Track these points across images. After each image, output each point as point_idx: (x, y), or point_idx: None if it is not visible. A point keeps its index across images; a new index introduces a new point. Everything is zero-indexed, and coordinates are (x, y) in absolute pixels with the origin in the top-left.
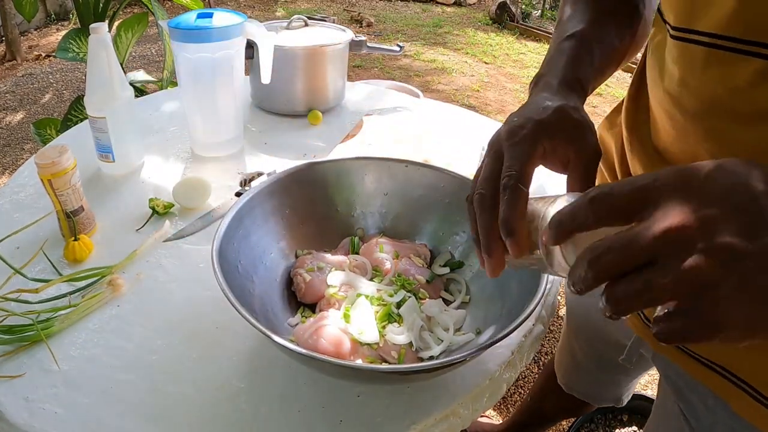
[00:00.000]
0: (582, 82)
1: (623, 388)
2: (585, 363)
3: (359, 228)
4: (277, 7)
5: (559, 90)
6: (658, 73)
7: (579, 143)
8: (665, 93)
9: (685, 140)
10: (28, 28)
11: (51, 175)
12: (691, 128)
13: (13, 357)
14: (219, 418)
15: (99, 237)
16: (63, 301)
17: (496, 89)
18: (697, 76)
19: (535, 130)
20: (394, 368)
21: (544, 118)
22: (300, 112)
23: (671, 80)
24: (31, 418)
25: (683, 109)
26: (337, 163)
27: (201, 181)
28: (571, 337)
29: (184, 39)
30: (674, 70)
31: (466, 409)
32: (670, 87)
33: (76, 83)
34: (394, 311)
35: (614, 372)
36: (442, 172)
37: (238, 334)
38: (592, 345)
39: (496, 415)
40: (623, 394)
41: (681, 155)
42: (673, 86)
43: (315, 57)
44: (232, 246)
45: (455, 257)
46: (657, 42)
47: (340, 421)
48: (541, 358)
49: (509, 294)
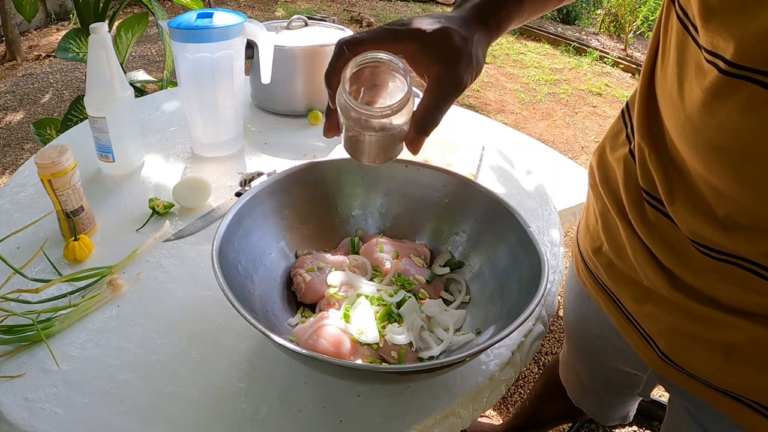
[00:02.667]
0: (498, 18)
1: (630, 407)
2: (591, 386)
3: (359, 228)
4: (277, 7)
5: (468, 18)
6: (678, 90)
7: (443, 66)
8: (687, 118)
9: (708, 169)
10: (28, 28)
11: (51, 175)
12: (717, 166)
13: (13, 357)
14: (219, 418)
15: (99, 237)
16: (63, 301)
17: (496, 89)
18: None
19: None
20: (394, 368)
21: (425, 28)
22: (300, 112)
23: (699, 108)
24: (31, 418)
25: (709, 143)
26: (337, 163)
27: (201, 181)
28: (574, 358)
29: (184, 39)
30: (708, 102)
31: (466, 409)
32: (694, 113)
33: (76, 83)
34: (394, 311)
35: (622, 395)
36: (442, 172)
37: (238, 334)
38: (598, 371)
39: (496, 416)
40: (630, 412)
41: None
42: (702, 115)
43: (315, 57)
44: (232, 246)
45: (455, 257)
46: (677, 45)
47: (340, 421)
48: (541, 358)
49: (509, 294)
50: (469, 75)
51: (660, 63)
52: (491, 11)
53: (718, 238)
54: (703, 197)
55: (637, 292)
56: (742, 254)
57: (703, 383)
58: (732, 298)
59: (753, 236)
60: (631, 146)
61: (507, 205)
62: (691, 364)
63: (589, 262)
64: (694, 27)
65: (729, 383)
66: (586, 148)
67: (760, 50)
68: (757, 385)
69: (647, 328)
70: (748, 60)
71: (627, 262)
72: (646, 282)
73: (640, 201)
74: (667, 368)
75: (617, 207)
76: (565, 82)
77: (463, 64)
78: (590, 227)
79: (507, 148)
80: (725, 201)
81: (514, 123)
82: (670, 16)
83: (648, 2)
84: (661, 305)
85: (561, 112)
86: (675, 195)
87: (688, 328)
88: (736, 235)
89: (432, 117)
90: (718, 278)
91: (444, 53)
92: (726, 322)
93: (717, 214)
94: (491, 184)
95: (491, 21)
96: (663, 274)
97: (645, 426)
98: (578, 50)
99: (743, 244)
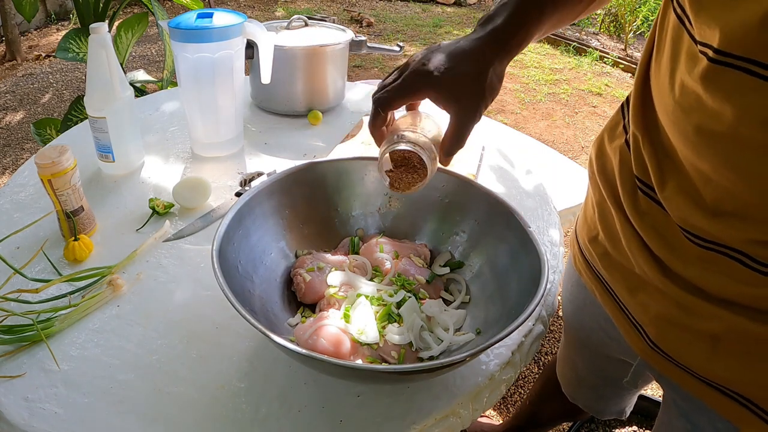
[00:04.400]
0: (518, 38)
1: (627, 401)
2: (588, 379)
3: (359, 228)
4: (277, 7)
5: (485, 46)
6: (669, 78)
7: (459, 103)
8: (677, 105)
9: (697, 155)
10: (28, 28)
11: (51, 175)
12: (704, 150)
13: (13, 357)
14: (219, 418)
15: (99, 237)
16: (63, 301)
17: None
18: (734, 104)
19: (426, 82)
20: (394, 368)
21: (441, 75)
22: (300, 112)
23: (688, 95)
24: (31, 418)
25: (698, 129)
26: (337, 163)
27: (201, 181)
28: (571, 351)
29: (184, 39)
30: (696, 89)
31: (466, 409)
32: (685, 100)
33: (76, 83)
34: (394, 311)
35: (618, 388)
36: (442, 172)
37: (238, 334)
38: (594, 362)
39: (496, 415)
40: (626, 406)
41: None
42: (690, 102)
43: (315, 57)
44: (232, 246)
45: (455, 257)
46: (672, 38)
47: (340, 421)
48: (541, 358)
49: (509, 294)
50: (483, 104)
51: (655, 55)
52: (512, 31)
53: (706, 224)
54: (692, 183)
55: (629, 281)
56: (729, 242)
57: (690, 373)
58: (718, 288)
59: (740, 223)
60: (627, 136)
61: (507, 205)
62: (680, 354)
63: (586, 251)
64: (688, 20)
65: (715, 374)
66: (586, 148)
67: (744, 38)
68: (742, 378)
69: (638, 316)
70: (734, 48)
71: (621, 250)
72: (638, 270)
73: (634, 189)
74: (656, 357)
75: (613, 196)
76: (565, 82)
77: (475, 99)
78: (588, 217)
79: (507, 148)
80: (713, 187)
81: (514, 123)
82: (667, 11)
83: (648, 2)
84: (652, 294)
85: (561, 112)
86: (666, 182)
87: (676, 318)
88: (724, 222)
89: (456, 143)
90: (705, 267)
91: (457, 94)
92: (711, 312)
93: (705, 200)
94: (491, 184)
95: (511, 42)
96: (654, 262)
97: (644, 426)
98: (578, 50)
99: (730, 230)
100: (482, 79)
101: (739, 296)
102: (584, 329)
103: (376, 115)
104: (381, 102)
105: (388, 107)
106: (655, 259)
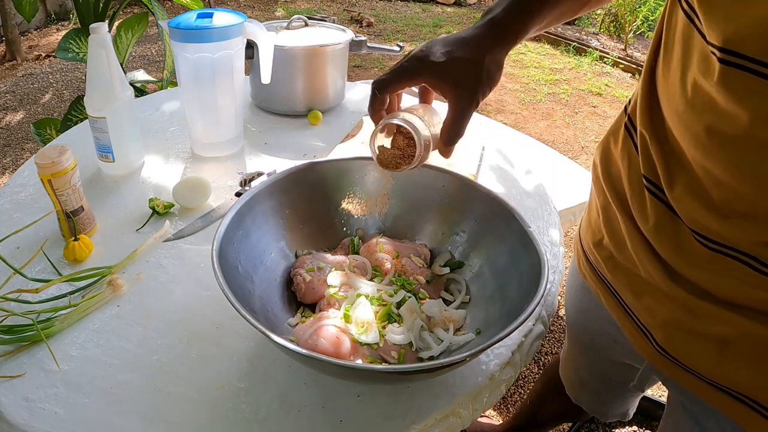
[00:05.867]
0: (515, 29)
1: (630, 404)
2: (590, 382)
3: (359, 228)
4: (277, 7)
5: (481, 37)
6: (680, 79)
7: (457, 89)
8: (688, 105)
9: (705, 156)
10: (28, 28)
11: (51, 175)
12: (714, 152)
13: (13, 357)
14: (219, 418)
15: (99, 237)
16: (63, 301)
17: (495, 89)
18: (748, 106)
19: (425, 66)
20: (394, 368)
21: (438, 60)
22: (300, 112)
23: (701, 96)
24: (31, 418)
25: (709, 130)
26: (337, 163)
27: (201, 181)
28: (575, 354)
29: (184, 39)
30: (710, 90)
31: (466, 409)
32: (696, 101)
33: (76, 83)
34: (394, 311)
35: (622, 391)
36: (442, 172)
37: (238, 334)
38: (598, 366)
39: (496, 415)
40: (630, 409)
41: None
42: (703, 102)
43: (315, 57)
44: (232, 246)
45: (455, 257)
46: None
47: (340, 421)
48: (541, 358)
49: (509, 294)
50: (480, 92)
51: (662, 56)
52: (510, 21)
53: (715, 226)
54: (701, 184)
55: (635, 285)
56: (738, 244)
57: (698, 377)
58: (726, 291)
59: (749, 224)
60: (634, 137)
61: (507, 205)
62: (688, 358)
63: (590, 255)
64: (698, 18)
65: (724, 378)
66: (586, 148)
67: (753, 39)
68: (751, 381)
69: (644, 320)
70: (743, 48)
71: (626, 254)
72: (644, 274)
73: (641, 191)
74: (663, 361)
75: (618, 200)
76: (565, 82)
77: (473, 84)
78: (592, 221)
79: (507, 148)
80: (722, 188)
81: (514, 123)
82: (674, 10)
83: (648, 2)
84: (659, 298)
85: (561, 112)
86: (675, 182)
87: (684, 322)
88: (733, 223)
89: (455, 130)
90: (714, 270)
91: (455, 79)
92: (719, 315)
93: (715, 200)
94: (491, 184)
95: (508, 33)
96: (660, 266)
97: (645, 426)
98: (578, 50)
99: (739, 232)
100: (480, 65)
101: (749, 300)
102: (588, 333)
103: (374, 97)
104: (379, 84)
105: (385, 90)
106: (661, 263)
